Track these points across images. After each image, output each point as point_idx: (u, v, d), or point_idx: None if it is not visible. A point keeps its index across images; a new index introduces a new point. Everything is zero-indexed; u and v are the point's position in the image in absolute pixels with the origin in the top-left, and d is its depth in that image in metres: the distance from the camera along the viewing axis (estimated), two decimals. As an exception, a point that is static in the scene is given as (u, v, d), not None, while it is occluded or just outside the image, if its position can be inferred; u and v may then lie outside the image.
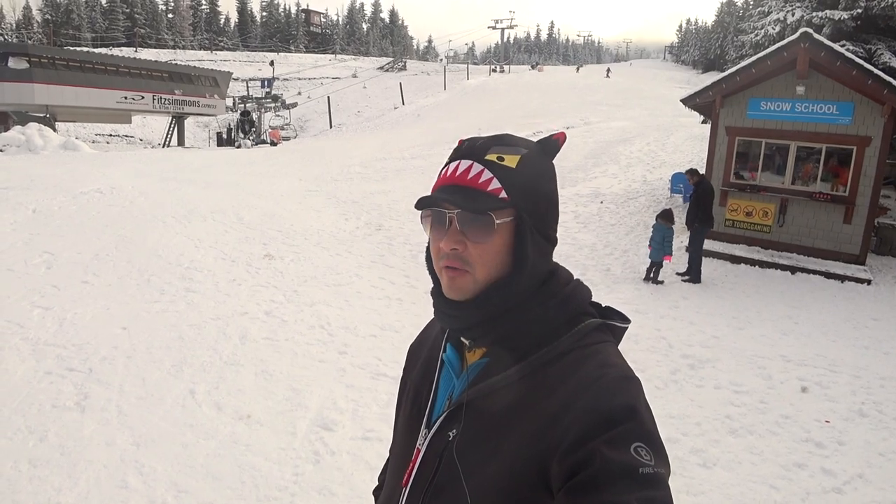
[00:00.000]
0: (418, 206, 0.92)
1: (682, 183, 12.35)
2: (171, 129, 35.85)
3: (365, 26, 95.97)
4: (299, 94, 51.05)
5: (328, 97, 45.60)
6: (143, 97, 32.32)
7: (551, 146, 0.96)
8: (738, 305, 7.76)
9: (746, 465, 4.06)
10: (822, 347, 6.34)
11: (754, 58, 9.98)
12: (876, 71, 9.12)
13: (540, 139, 0.97)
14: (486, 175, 0.88)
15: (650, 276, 8.49)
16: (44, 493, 3.26)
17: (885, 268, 9.93)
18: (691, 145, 17.69)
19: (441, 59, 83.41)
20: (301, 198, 12.38)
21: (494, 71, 62.89)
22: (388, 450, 1.19)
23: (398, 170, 16.79)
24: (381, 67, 64.41)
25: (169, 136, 35.82)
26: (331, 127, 42.74)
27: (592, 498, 0.73)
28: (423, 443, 0.95)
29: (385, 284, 7.58)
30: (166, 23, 74.60)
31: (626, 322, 0.96)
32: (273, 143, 30.62)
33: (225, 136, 36.24)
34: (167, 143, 35.38)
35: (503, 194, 0.88)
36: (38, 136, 18.75)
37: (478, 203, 0.87)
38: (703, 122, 19.23)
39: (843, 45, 11.60)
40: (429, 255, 0.98)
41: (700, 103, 11.02)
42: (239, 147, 28.98)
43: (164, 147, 33.51)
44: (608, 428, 0.76)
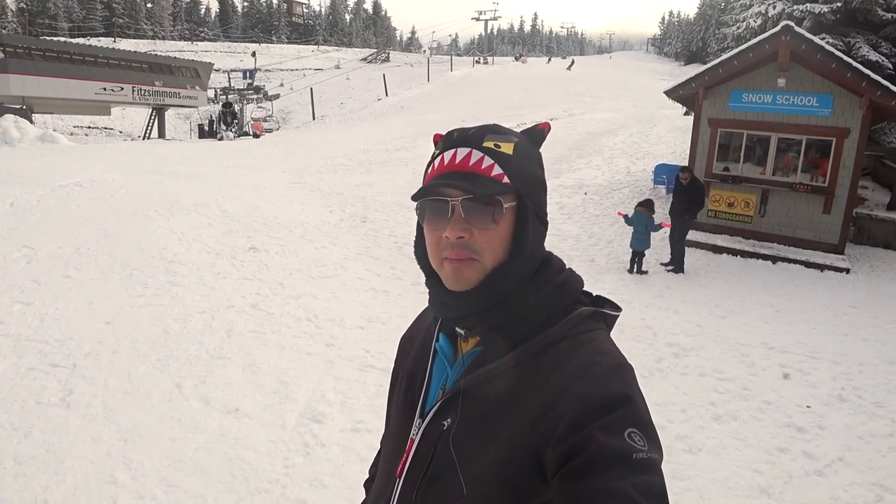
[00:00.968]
0: (418, 196, 0.90)
1: (665, 174, 12.45)
2: (152, 122, 35.19)
3: (348, 17, 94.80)
4: (282, 85, 50.34)
5: (311, 89, 45.06)
6: (122, 88, 31.64)
7: (537, 135, 0.97)
8: (721, 294, 7.88)
9: (731, 451, 4.14)
10: (803, 335, 6.46)
11: (736, 50, 10.08)
12: (855, 64, 9.27)
13: (526, 129, 0.98)
14: (488, 161, 0.88)
15: (634, 266, 8.57)
16: (30, 491, 3.22)
17: (863, 257, 10.13)
18: (674, 137, 17.83)
19: (424, 51, 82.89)
20: (285, 190, 12.27)
21: (478, 62, 62.66)
22: (380, 442, 1.18)
23: (382, 161, 16.73)
24: (365, 59, 63.73)
25: (149, 128, 35.15)
26: (314, 119, 42.30)
27: (587, 483, 0.73)
28: (417, 433, 0.94)
29: (371, 276, 7.57)
30: (145, 12, 72.98)
31: (617, 310, 0.96)
32: (255, 135, 30.17)
33: (207, 128, 35.62)
34: (147, 135, 34.75)
35: (506, 179, 0.88)
36: (15, 129, 18.37)
37: (486, 188, 0.87)
38: (686, 113, 19.44)
39: (823, 39, 11.77)
40: (419, 249, 0.97)
41: (683, 95, 11.11)
42: (221, 139, 28.53)
43: (144, 139, 32.90)
44: (602, 414, 0.77)
